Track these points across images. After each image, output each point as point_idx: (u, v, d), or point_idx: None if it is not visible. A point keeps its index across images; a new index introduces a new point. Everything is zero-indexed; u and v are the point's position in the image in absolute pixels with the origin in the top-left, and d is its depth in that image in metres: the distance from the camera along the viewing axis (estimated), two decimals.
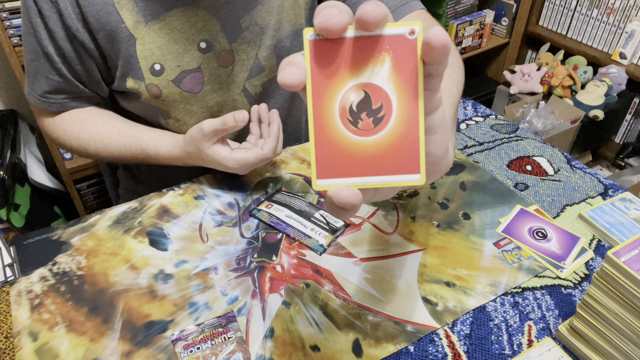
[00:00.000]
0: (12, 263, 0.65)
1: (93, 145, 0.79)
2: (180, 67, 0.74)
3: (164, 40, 0.72)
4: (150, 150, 0.76)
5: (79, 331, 0.58)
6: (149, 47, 0.72)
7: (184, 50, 0.73)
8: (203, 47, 0.74)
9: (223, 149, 0.70)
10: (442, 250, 0.67)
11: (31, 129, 1.57)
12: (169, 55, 0.73)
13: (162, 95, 0.75)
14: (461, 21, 2.02)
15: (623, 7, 1.94)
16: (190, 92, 0.76)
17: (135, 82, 0.74)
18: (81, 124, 0.79)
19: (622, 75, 1.93)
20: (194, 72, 0.75)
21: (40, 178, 1.49)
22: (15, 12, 1.26)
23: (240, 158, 0.70)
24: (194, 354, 0.54)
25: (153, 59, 0.72)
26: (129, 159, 0.79)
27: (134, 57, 0.72)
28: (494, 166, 0.82)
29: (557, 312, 0.60)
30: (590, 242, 0.69)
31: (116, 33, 0.70)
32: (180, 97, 0.77)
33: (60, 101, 0.78)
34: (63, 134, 0.80)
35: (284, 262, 0.66)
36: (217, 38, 0.74)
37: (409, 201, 0.75)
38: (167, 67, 0.73)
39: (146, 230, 0.70)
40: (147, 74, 0.73)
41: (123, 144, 0.77)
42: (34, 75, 0.75)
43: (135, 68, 0.73)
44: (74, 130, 0.79)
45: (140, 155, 0.78)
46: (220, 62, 0.76)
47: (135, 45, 0.71)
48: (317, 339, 0.57)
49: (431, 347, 0.56)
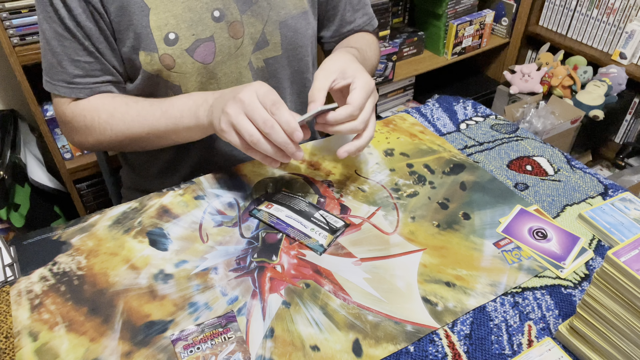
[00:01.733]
0: (12, 263, 0.65)
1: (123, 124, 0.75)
2: (194, 36, 0.75)
3: (179, 9, 0.73)
4: (175, 113, 0.72)
5: (79, 331, 0.58)
6: (164, 15, 0.72)
7: (198, 18, 0.74)
8: (217, 16, 0.75)
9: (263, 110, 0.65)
10: (442, 250, 0.67)
11: (31, 129, 1.57)
12: (184, 24, 0.73)
13: (175, 66, 0.75)
14: (461, 21, 2.02)
15: (623, 7, 1.94)
16: (203, 62, 0.77)
17: (148, 54, 0.74)
18: (113, 99, 0.77)
19: (622, 75, 1.93)
20: (207, 41, 0.76)
21: (40, 178, 1.49)
22: (16, 12, 1.26)
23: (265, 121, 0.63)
24: (194, 354, 0.54)
25: (168, 28, 0.73)
26: (160, 129, 0.74)
27: (147, 28, 0.72)
28: (494, 166, 0.82)
29: (557, 312, 0.60)
30: (590, 242, 0.69)
31: (128, 4, 0.70)
32: (192, 68, 0.77)
33: (91, 86, 0.76)
34: (90, 112, 0.76)
35: (284, 262, 0.66)
36: (230, 8, 0.76)
37: (409, 201, 0.75)
38: (181, 36, 0.74)
39: (146, 230, 0.70)
40: (160, 44, 0.73)
41: (150, 103, 0.75)
42: (59, 63, 0.74)
43: (147, 39, 0.73)
44: (104, 103, 0.76)
45: (170, 123, 0.73)
46: (231, 32, 0.77)
47: (148, 16, 0.72)
48: (317, 339, 0.57)
49: (431, 347, 0.56)
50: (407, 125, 0.91)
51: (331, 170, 0.80)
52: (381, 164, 0.82)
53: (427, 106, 0.97)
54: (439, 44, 2.08)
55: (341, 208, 0.74)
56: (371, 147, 0.85)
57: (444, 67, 2.09)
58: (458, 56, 2.10)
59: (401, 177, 0.79)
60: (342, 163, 0.82)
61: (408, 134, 0.88)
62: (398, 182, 0.78)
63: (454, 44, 2.05)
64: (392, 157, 0.83)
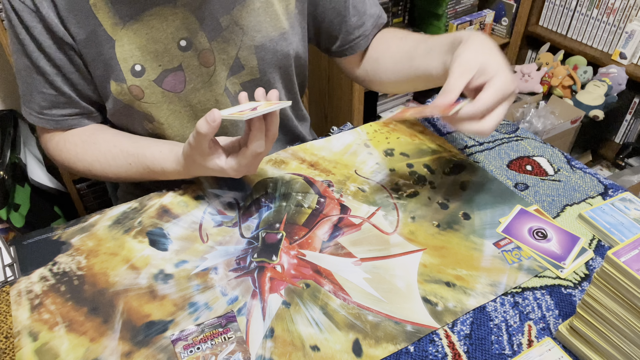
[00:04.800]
0: (12, 263, 0.65)
1: (99, 167, 0.78)
2: (161, 67, 0.74)
3: (143, 40, 0.72)
4: (156, 168, 0.74)
5: (79, 331, 0.58)
6: (129, 47, 0.72)
7: (164, 49, 0.73)
8: (183, 45, 0.74)
9: (219, 159, 0.67)
10: (442, 250, 0.67)
11: (31, 129, 1.57)
12: (149, 55, 0.73)
13: (145, 97, 0.75)
14: (461, 21, 2.02)
15: (623, 7, 1.94)
16: (173, 91, 0.76)
17: (118, 84, 0.74)
18: (84, 145, 0.79)
19: (622, 75, 1.93)
20: (176, 70, 0.75)
21: (40, 178, 1.49)
22: None
23: (235, 164, 0.66)
24: (194, 354, 0.54)
25: (133, 59, 0.72)
26: (136, 177, 0.78)
27: (114, 59, 0.72)
28: (494, 166, 0.82)
29: (557, 312, 0.60)
30: (590, 242, 0.69)
31: (95, 35, 0.70)
32: (162, 98, 0.76)
33: (57, 118, 0.77)
34: (67, 156, 0.80)
35: (284, 262, 0.66)
36: (197, 36, 0.74)
37: (409, 201, 0.75)
38: (147, 67, 0.73)
39: (146, 230, 0.70)
40: (128, 75, 0.73)
41: (128, 163, 0.76)
42: (29, 93, 0.75)
43: (116, 70, 0.73)
44: (77, 153, 0.79)
45: (147, 174, 0.76)
46: (202, 61, 0.76)
47: (114, 47, 0.71)
48: (317, 339, 0.57)
49: (431, 347, 0.56)
50: (407, 125, 0.91)
51: (331, 170, 0.80)
52: (381, 164, 0.82)
53: None
54: None
55: (341, 208, 0.74)
56: (371, 147, 0.85)
57: None
58: None
59: (401, 177, 0.79)
60: (342, 163, 0.82)
61: (408, 134, 0.88)
62: (398, 182, 0.78)
63: None
64: (392, 157, 0.83)
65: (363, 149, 0.85)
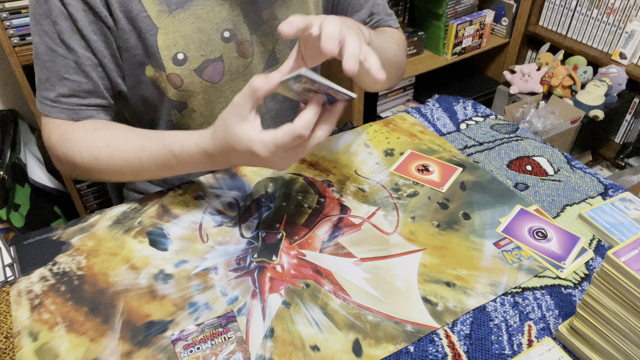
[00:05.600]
0: (12, 263, 0.65)
1: (107, 152, 0.70)
2: (203, 57, 0.74)
3: (188, 29, 0.72)
4: (174, 146, 0.66)
5: (79, 331, 0.58)
6: (173, 36, 0.72)
7: (208, 39, 0.74)
8: (226, 37, 0.75)
9: (253, 127, 0.58)
10: (442, 250, 0.67)
11: (31, 129, 1.57)
12: (193, 45, 0.73)
13: (183, 85, 0.75)
14: (461, 21, 2.02)
15: (623, 7, 1.94)
16: (211, 81, 0.77)
17: (155, 70, 0.73)
18: (95, 132, 0.72)
19: (622, 75, 1.93)
20: (216, 61, 0.76)
21: (40, 178, 1.49)
22: (16, 12, 1.26)
23: (269, 139, 0.56)
24: (194, 354, 0.54)
25: (176, 48, 0.72)
26: (145, 165, 0.70)
27: (154, 47, 0.71)
28: (494, 166, 0.82)
29: (557, 312, 0.60)
30: (590, 242, 0.69)
31: (137, 21, 0.70)
32: (200, 87, 0.76)
33: (74, 107, 0.72)
34: (73, 145, 0.71)
35: (284, 262, 0.66)
36: (240, 28, 0.76)
37: (409, 201, 0.75)
38: (190, 57, 0.73)
39: (146, 230, 0.70)
40: (168, 63, 0.73)
41: (142, 145, 0.69)
42: (47, 80, 0.71)
43: (155, 58, 0.72)
44: (86, 139, 0.71)
45: (161, 157, 0.68)
46: (240, 52, 0.77)
47: (156, 35, 0.71)
48: (317, 339, 0.57)
49: (431, 347, 0.56)
50: (407, 125, 0.91)
51: (331, 170, 0.80)
52: (381, 164, 0.82)
53: (427, 106, 0.97)
54: (439, 44, 2.08)
55: (341, 208, 0.74)
56: (371, 147, 0.85)
57: (444, 67, 2.09)
58: (458, 56, 2.10)
59: (401, 177, 0.79)
60: (342, 163, 0.82)
61: (408, 134, 0.88)
62: (398, 182, 0.78)
63: (454, 44, 2.05)
64: (392, 157, 0.83)
65: (363, 149, 0.85)
